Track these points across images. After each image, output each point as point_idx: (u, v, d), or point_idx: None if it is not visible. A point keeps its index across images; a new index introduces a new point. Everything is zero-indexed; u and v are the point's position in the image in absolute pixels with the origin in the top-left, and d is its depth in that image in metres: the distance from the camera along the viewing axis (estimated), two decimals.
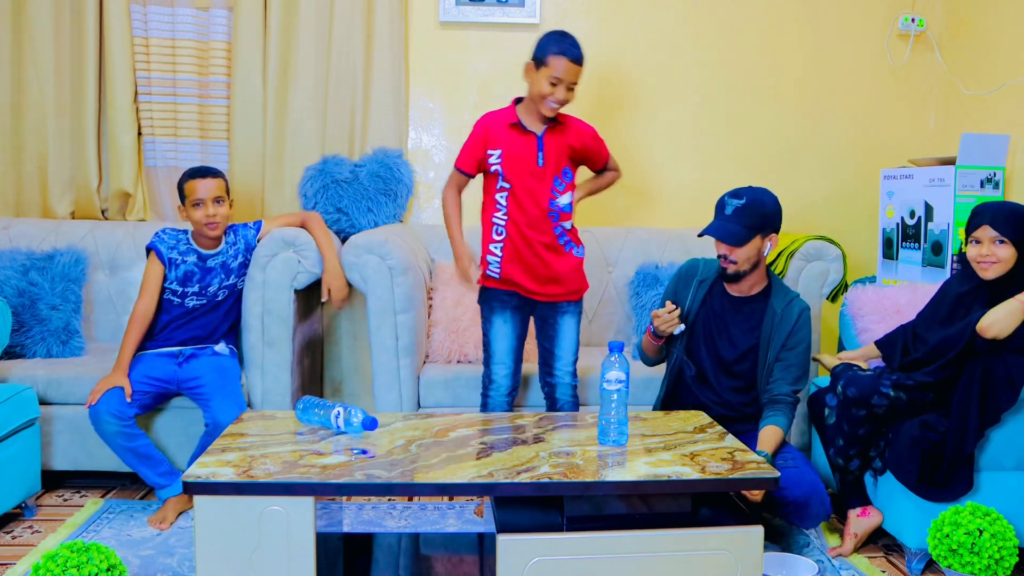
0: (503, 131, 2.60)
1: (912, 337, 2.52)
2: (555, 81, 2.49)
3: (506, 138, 2.59)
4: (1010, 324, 2.22)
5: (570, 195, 2.66)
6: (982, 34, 3.41)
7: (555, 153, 2.60)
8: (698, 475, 1.89)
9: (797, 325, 2.52)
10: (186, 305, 2.83)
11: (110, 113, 3.46)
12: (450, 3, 3.56)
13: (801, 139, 3.72)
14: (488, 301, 2.71)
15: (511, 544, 1.84)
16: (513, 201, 2.60)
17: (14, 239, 3.29)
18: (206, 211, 2.77)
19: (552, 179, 2.60)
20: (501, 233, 2.63)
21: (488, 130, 2.61)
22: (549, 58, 2.50)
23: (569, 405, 2.73)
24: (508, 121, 2.60)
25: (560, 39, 2.52)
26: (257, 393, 2.91)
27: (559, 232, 2.64)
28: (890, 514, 2.48)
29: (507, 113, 2.61)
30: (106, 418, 2.58)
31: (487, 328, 2.71)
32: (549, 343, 2.72)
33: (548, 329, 2.72)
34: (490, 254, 2.66)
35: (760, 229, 2.48)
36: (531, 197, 2.59)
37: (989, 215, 2.33)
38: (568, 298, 2.70)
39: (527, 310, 2.72)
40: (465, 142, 2.65)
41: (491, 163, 2.60)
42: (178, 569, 2.35)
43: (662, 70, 3.66)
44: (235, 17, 3.46)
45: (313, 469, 1.87)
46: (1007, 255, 2.31)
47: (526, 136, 2.59)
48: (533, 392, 2.92)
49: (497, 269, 2.65)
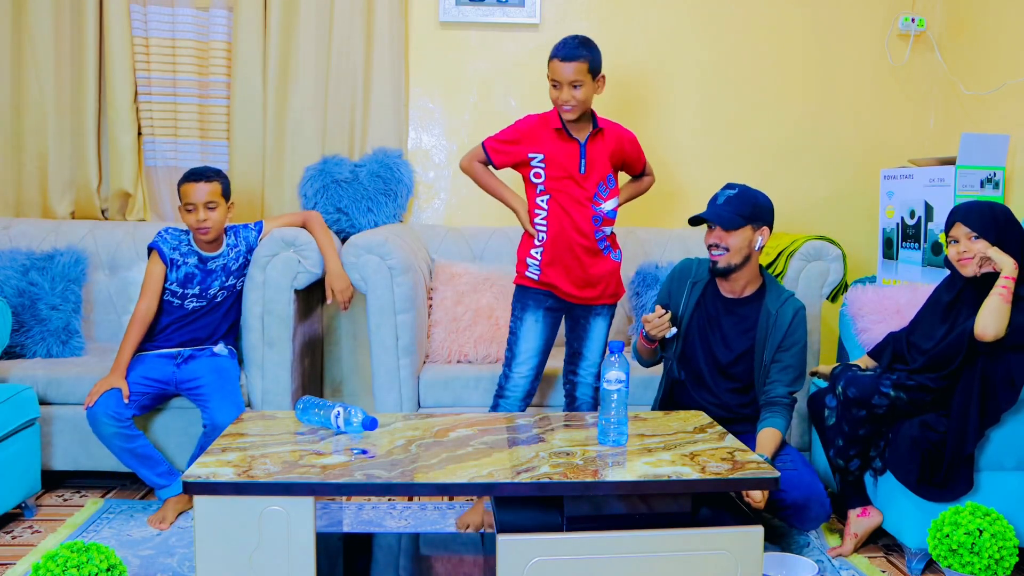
0: (547, 135, 2.58)
1: (907, 345, 2.52)
2: (556, 84, 2.51)
3: (549, 142, 2.58)
4: (1001, 318, 2.24)
5: (614, 201, 2.65)
6: (982, 34, 3.41)
7: (598, 160, 2.60)
8: (698, 475, 1.89)
9: (792, 325, 2.52)
10: (186, 307, 2.83)
11: (110, 113, 3.46)
12: (450, 3, 3.56)
13: (801, 139, 3.72)
14: (522, 299, 2.67)
15: (511, 544, 1.84)
16: (556, 205, 2.58)
17: (14, 239, 3.29)
18: (197, 216, 2.74)
19: (596, 185, 2.60)
20: (542, 237, 2.62)
21: (532, 132, 2.59)
22: (549, 63, 2.53)
23: (588, 405, 2.74)
24: (553, 125, 2.58)
25: (559, 42, 2.53)
26: (257, 393, 2.91)
27: (599, 237, 2.63)
28: (890, 514, 2.48)
29: (551, 117, 2.59)
30: (103, 420, 2.58)
31: (516, 326, 2.67)
32: (578, 342, 2.72)
33: (579, 329, 2.71)
34: (530, 257, 2.64)
35: (751, 219, 2.48)
36: (574, 202, 2.58)
37: (961, 213, 2.39)
38: (604, 301, 2.69)
39: (560, 313, 2.70)
40: (504, 131, 2.63)
41: (533, 166, 2.58)
42: (178, 569, 2.35)
43: (662, 70, 3.66)
44: (235, 17, 3.46)
45: (313, 469, 1.87)
46: (982, 250, 2.33)
47: (569, 143, 2.57)
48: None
49: (536, 271, 2.63)
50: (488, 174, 2.68)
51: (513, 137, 2.61)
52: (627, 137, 2.69)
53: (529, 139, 2.59)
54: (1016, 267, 2.28)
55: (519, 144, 2.60)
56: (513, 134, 2.62)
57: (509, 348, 2.69)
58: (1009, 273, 2.27)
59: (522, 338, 2.66)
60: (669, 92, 3.67)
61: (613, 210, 2.65)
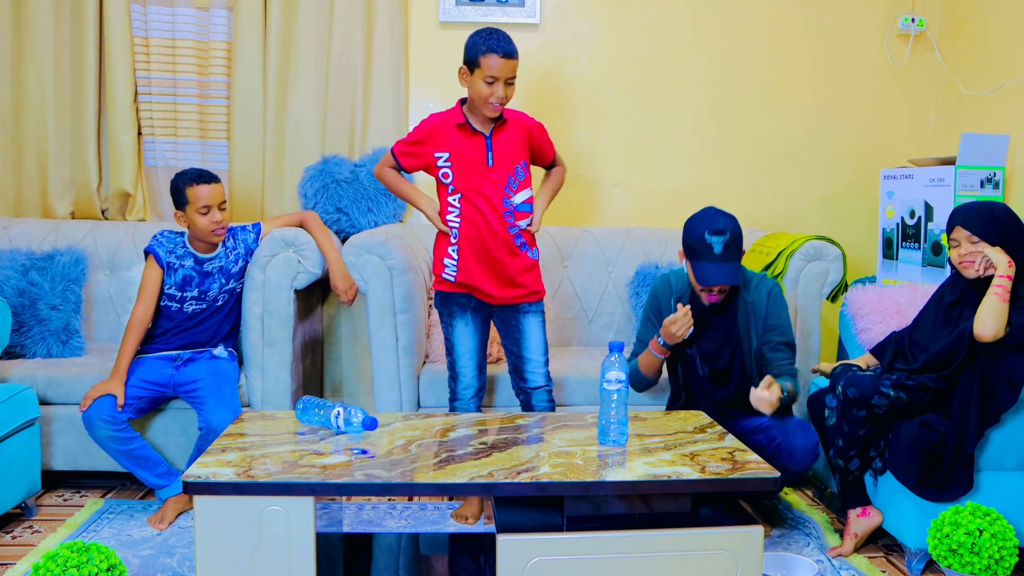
0: (450, 132, 2.54)
1: (909, 344, 2.52)
2: (491, 80, 2.44)
3: (453, 140, 2.54)
4: (999, 318, 2.24)
5: (526, 192, 2.60)
6: (982, 34, 3.41)
7: (505, 152, 2.56)
8: (698, 475, 1.89)
9: (770, 307, 2.53)
10: (186, 311, 2.82)
11: (110, 113, 3.46)
12: (450, 3, 3.56)
13: (801, 139, 3.72)
14: (447, 305, 2.66)
15: (511, 544, 1.84)
16: (466, 203, 2.55)
17: (14, 239, 3.29)
18: (213, 217, 2.74)
19: (505, 178, 2.56)
20: (456, 236, 2.58)
21: (435, 131, 2.55)
22: (480, 58, 2.45)
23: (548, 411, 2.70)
24: (455, 122, 2.54)
25: (488, 37, 2.46)
26: (257, 393, 2.91)
27: (515, 232, 2.58)
28: (890, 514, 2.48)
29: (454, 114, 2.56)
30: (98, 423, 2.58)
31: (449, 332, 2.66)
32: (516, 347, 2.67)
33: (512, 332, 2.67)
34: (447, 257, 2.60)
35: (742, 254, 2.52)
36: (484, 198, 2.54)
37: (961, 216, 2.39)
38: (527, 299, 2.64)
39: (486, 312, 2.68)
40: (408, 135, 2.62)
41: (440, 166, 2.56)
42: (178, 569, 2.35)
43: (662, 70, 3.66)
44: (235, 17, 3.46)
45: (313, 469, 1.87)
46: (983, 252, 2.33)
47: (474, 137, 2.54)
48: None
49: (454, 272, 2.59)
50: (397, 178, 2.65)
51: (418, 138, 2.57)
52: (534, 124, 2.64)
53: (433, 138, 2.55)
54: (1012, 265, 2.28)
55: (424, 144, 2.56)
56: (418, 135, 2.58)
57: (449, 352, 2.68)
58: (1004, 272, 2.27)
59: (457, 343, 2.65)
60: (669, 92, 3.67)
61: (524, 202, 2.59)
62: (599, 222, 3.64)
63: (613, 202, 3.68)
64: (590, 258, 3.48)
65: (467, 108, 2.56)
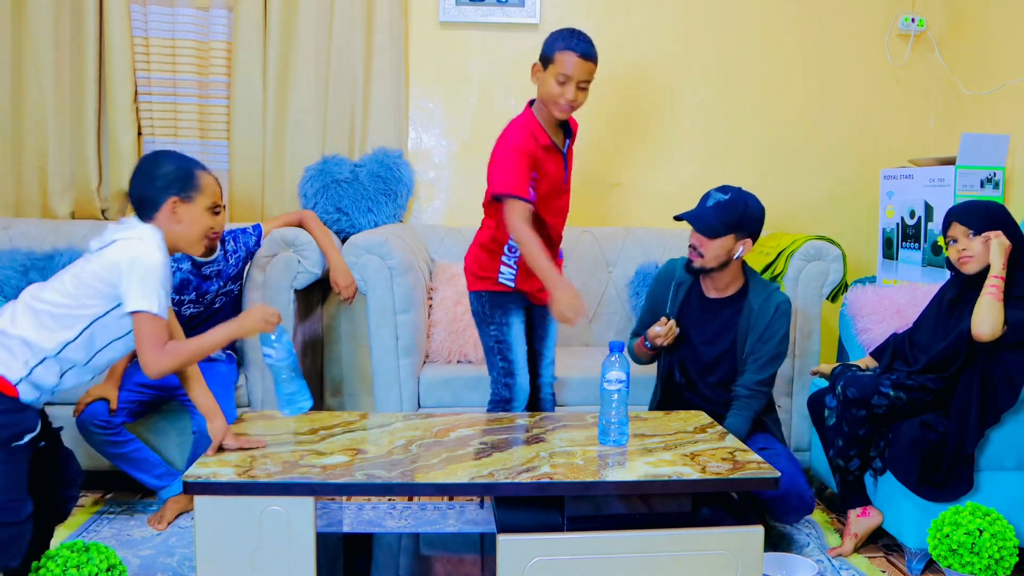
0: (541, 154, 2.42)
1: (909, 345, 2.52)
2: (563, 79, 2.33)
3: (540, 159, 2.42)
4: (995, 317, 2.25)
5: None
6: (982, 34, 3.41)
7: (572, 164, 2.56)
8: (698, 475, 1.89)
9: (774, 318, 2.51)
10: (183, 314, 2.81)
11: (110, 113, 3.45)
12: (450, 3, 3.56)
13: (801, 139, 3.72)
14: (503, 305, 2.55)
15: (511, 544, 1.84)
16: (535, 219, 2.44)
17: (14, 239, 3.29)
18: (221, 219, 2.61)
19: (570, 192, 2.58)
20: (515, 249, 2.48)
21: (532, 153, 2.39)
22: (556, 54, 2.33)
23: (549, 404, 2.73)
24: (542, 144, 2.42)
25: (568, 35, 2.36)
26: (257, 393, 2.91)
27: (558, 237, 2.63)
28: (890, 514, 2.48)
29: (537, 132, 2.42)
30: (91, 428, 2.57)
31: (506, 333, 2.54)
32: (539, 344, 2.70)
33: (538, 330, 2.69)
34: (504, 265, 2.54)
35: (735, 229, 2.47)
36: (552, 214, 2.52)
37: (957, 213, 2.41)
38: None
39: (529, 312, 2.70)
40: (509, 166, 2.36)
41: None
42: (178, 569, 2.35)
43: (662, 70, 3.66)
44: (235, 17, 3.45)
45: (313, 469, 1.87)
46: (980, 248, 2.34)
47: (555, 155, 2.46)
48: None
49: (512, 277, 2.54)
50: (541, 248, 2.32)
51: (529, 164, 2.37)
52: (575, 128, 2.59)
53: (532, 161, 2.40)
54: (1004, 266, 2.30)
55: (531, 169, 2.39)
56: (527, 160, 2.36)
57: (503, 357, 2.55)
58: (997, 272, 2.29)
59: (515, 343, 2.55)
60: (669, 92, 3.67)
61: None
62: (599, 222, 3.64)
63: (613, 202, 3.68)
64: (590, 258, 3.48)
65: (537, 110, 2.44)
